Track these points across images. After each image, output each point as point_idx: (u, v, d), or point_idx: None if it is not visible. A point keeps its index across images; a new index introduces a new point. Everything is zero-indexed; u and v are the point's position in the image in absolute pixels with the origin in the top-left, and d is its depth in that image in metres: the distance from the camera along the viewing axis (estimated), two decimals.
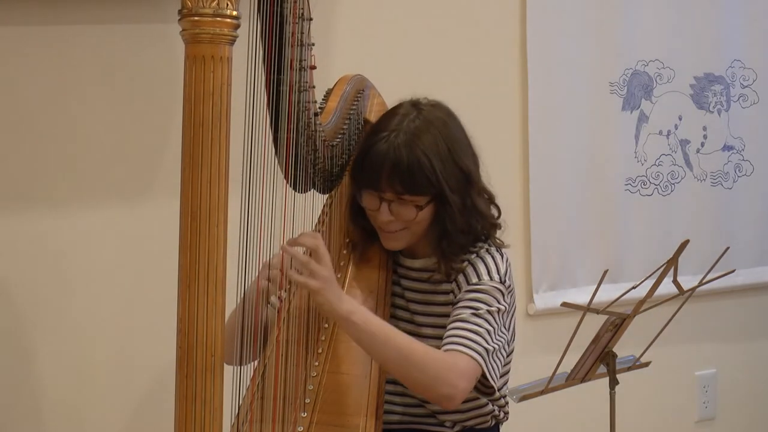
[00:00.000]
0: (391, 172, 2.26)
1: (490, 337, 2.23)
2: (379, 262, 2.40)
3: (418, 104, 2.34)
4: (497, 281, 2.30)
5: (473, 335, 2.22)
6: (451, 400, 2.20)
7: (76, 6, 2.72)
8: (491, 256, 2.33)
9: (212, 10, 1.80)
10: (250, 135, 1.98)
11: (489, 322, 2.25)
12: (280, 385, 2.18)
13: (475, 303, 2.27)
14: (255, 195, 2.00)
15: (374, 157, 2.27)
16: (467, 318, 2.24)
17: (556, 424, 3.50)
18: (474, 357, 2.20)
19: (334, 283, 2.15)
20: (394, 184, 2.27)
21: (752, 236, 3.81)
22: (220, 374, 1.84)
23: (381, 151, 2.27)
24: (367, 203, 2.33)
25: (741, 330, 3.89)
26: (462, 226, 2.31)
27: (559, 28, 3.41)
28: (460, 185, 2.30)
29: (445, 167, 2.27)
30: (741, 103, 3.77)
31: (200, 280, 1.82)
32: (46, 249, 2.74)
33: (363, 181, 2.31)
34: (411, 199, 2.28)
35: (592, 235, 3.52)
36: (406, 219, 2.30)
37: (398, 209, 2.30)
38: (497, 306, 2.27)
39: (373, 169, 2.28)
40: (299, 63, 2.10)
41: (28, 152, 2.72)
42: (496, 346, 2.24)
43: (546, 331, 3.37)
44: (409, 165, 2.25)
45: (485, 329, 2.23)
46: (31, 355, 2.75)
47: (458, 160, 2.30)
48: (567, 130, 3.45)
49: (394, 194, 2.28)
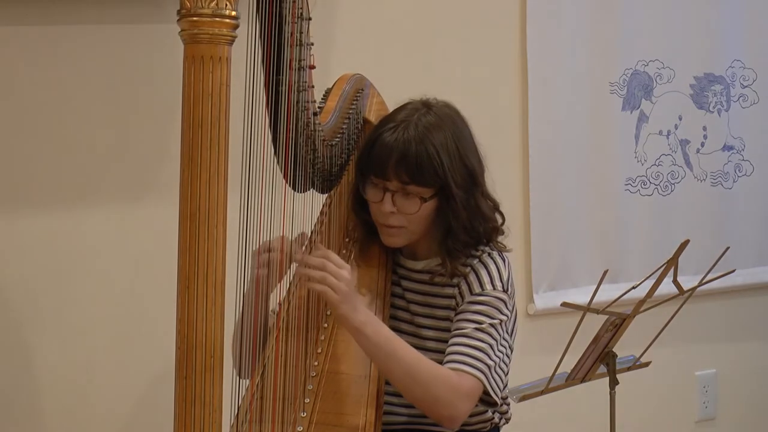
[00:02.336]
0: (398, 160, 2.27)
1: (493, 351, 2.24)
2: (378, 262, 2.40)
3: (428, 102, 2.36)
4: (500, 290, 2.30)
5: (477, 352, 2.23)
6: (452, 420, 2.22)
7: (76, 6, 2.72)
8: (494, 262, 2.34)
9: (211, 11, 1.80)
10: (250, 135, 1.98)
11: (492, 335, 2.26)
12: (279, 385, 2.18)
13: (477, 316, 2.27)
14: (254, 195, 2.00)
15: (382, 146, 2.29)
16: (470, 333, 2.25)
17: (556, 424, 3.50)
18: (477, 376, 2.21)
19: (351, 294, 2.16)
20: (401, 174, 2.28)
21: (752, 236, 3.81)
22: (220, 375, 1.84)
23: (389, 140, 2.29)
24: (370, 195, 2.34)
25: (741, 330, 3.89)
26: (466, 223, 2.31)
27: (559, 29, 3.41)
28: (465, 182, 2.31)
29: (452, 162, 2.29)
30: (741, 103, 3.77)
31: (199, 281, 1.81)
32: (45, 249, 2.74)
33: (369, 168, 2.32)
34: (416, 191, 2.29)
35: (592, 235, 3.52)
36: (409, 212, 2.30)
37: (402, 201, 2.30)
38: (499, 318, 2.28)
39: (381, 157, 2.29)
40: (298, 63, 2.10)
41: (28, 152, 2.71)
42: (498, 359, 2.26)
43: (546, 331, 3.37)
44: (417, 155, 2.27)
45: (488, 344, 2.24)
46: (30, 356, 2.75)
47: (465, 158, 2.31)
48: (567, 130, 3.45)
49: (400, 184, 2.29)
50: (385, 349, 2.17)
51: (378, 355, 2.18)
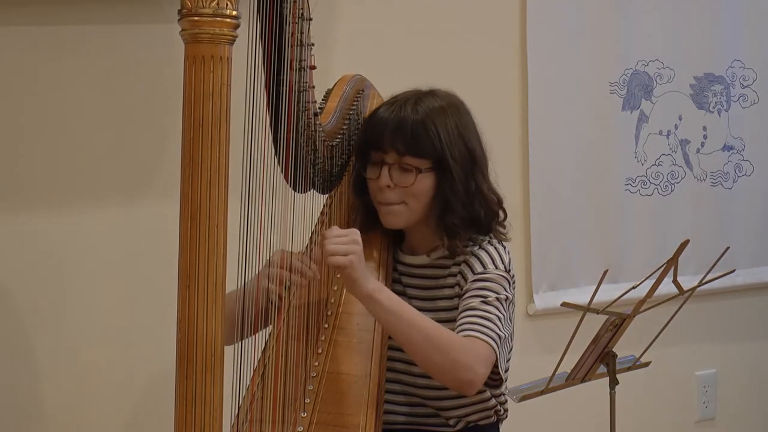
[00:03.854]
0: (394, 131, 2.29)
1: (501, 324, 2.25)
2: (379, 260, 2.40)
3: (432, 89, 2.39)
4: (503, 270, 2.31)
5: (486, 321, 2.23)
6: (471, 385, 2.21)
7: (77, 6, 2.72)
8: (494, 247, 2.35)
9: (212, 10, 1.79)
10: (250, 135, 1.98)
11: (499, 309, 2.26)
12: (280, 385, 2.18)
13: (483, 291, 2.28)
14: (255, 195, 2.00)
15: (380, 119, 2.32)
16: (477, 306, 2.25)
17: (556, 424, 3.50)
18: (490, 343, 2.21)
19: (363, 262, 2.17)
20: (397, 144, 2.30)
21: (752, 236, 3.81)
22: (220, 374, 1.84)
23: (387, 113, 2.32)
24: (369, 173, 2.35)
25: (741, 330, 3.89)
26: (464, 199, 2.32)
27: (559, 29, 3.41)
28: (463, 160, 2.32)
29: (451, 138, 2.31)
30: (741, 103, 3.77)
31: (200, 281, 1.81)
32: (45, 249, 2.74)
33: (367, 144, 2.34)
34: (412, 162, 2.30)
35: (592, 235, 3.52)
36: (406, 184, 2.31)
37: (398, 175, 2.31)
38: (505, 294, 2.28)
39: (378, 128, 2.31)
40: (299, 63, 2.10)
41: (27, 152, 2.72)
42: (506, 334, 2.26)
43: (546, 331, 3.37)
44: (413, 126, 2.29)
45: (496, 316, 2.24)
46: (30, 356, 2.75)
47: (465, 138, 2.33)
48: (567, 130, 3.45)
49: (396, 155, 2.30)
50: (402, 317, 2.18)
51: (395, 323, 2.18)
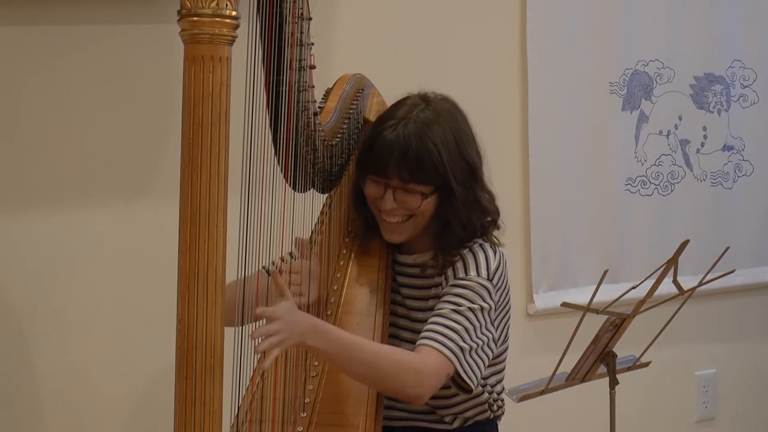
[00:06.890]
0: (399, 159, 2.28)
1: (468, 335, 2.22)
2: (379, 262, 2.41)
3: (426, 97, 2.37)
4: (484, 278, 2.29)
5: (449, 332, 2.22)
6: (420, 398, 2.21)
7: (77, 6, 2.72)
8: (483, 252, 2.33)
9: (211, 11, 1.79)
10: (250, 135, 1.98)
11: (469, 319, 2.24)
12: (279, 385, 2.18)
13: (457, 299, 2.26)
14: (255, 195, 1.99)
15: (383, 145, 2.30)
16: (447, 314, 2.24)
17: (556, 424, 3.50)
18: (446, 354, 2.19)
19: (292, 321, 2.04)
20: (402, 172, 2.28)
21: (752, 236, 3.81)
22: (220, 376, 1.83)
23: (390, 138, 2.29)
24: (371, 191, 2.34)
25: (741, 330, 3.89)
26: (464, 218, 2.32)
27: (559, 28, 3.41)
28: (465, 177, 2.32)
29: (452, 158, 2.30)
30: (741, 103, 3.77)
31: (200, 282, 1.81)
32: (45, 249, 2.74)
33: (370, 167, 2.33)
34: (417, 188, 2.29)
35: (592, 235, 3.52)
36: (410, 207, 2.31)
37: (403, 197, 2.31)
38: (480, 304, 2.26)
39: (381, 156, 2.29)
40: (299, 63, 2.10)
41: (28, 152, 2.71)
42: (475, 344, 2.23)
43: (546, 331, 3.37)
44: (417, 153, 2.27)
45: (463, 327, 2.23)
46: (30, 356, 2.75)
47: (465, 153, 2.32)
48: (567, 130, 3.45)
49: (401, 182, 2.30)
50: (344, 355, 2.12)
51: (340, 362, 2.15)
